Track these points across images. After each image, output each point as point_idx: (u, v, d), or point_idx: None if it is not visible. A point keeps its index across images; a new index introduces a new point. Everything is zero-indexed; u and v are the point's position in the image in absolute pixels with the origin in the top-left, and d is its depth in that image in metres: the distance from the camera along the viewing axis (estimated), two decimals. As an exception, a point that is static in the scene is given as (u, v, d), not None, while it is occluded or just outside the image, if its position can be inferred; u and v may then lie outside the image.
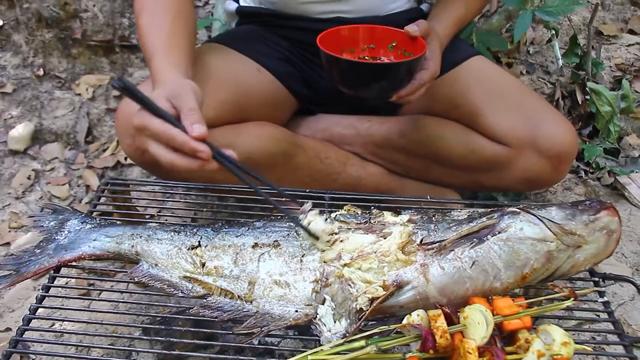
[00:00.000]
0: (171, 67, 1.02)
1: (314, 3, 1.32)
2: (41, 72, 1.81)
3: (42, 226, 1.10)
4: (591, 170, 1.64)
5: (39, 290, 1.31)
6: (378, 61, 1.16)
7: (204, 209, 1.17)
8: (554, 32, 1.74)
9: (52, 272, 1.01)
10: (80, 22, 1.81)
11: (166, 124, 0.88)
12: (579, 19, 1.91)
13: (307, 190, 1.16)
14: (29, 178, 1.64)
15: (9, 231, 1.50)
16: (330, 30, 1.14)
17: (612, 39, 1.94)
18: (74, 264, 1.03)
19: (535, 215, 0.95)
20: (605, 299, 0.97)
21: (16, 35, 1.81)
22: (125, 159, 1.63)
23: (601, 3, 1.96)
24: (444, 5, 1.29)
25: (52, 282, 1.01)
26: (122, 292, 1.10)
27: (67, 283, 1.30)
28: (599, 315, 0.98)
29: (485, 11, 1.88)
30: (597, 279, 1.01)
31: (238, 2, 1.47)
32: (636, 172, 1.62)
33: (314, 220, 0.96)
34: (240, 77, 1.26)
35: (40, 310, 0.96)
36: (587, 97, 1.69)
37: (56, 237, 1.06)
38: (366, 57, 1.18)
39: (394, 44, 1.17)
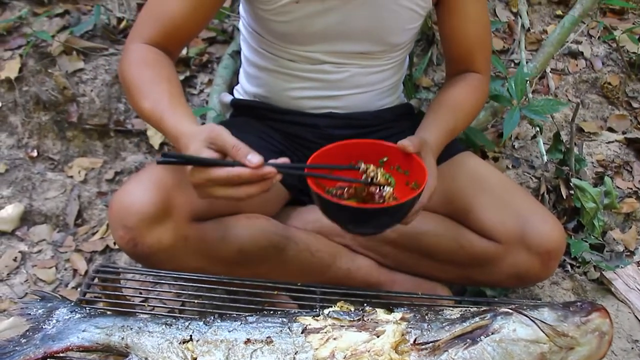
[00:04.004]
0: (188, 119, 1.06)
1: (306, 99, 1.37)
2: (35, 154, 1.82)
3: (30, 314, 1.07)
4: (577, 265, 1.66)
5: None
6: (378, 204, 1.07)
7: (195, 300, 1.16)
8: (538, 129, 1.80)
9: (36, 363, 0.99)
10: (77, 105, 1.85)
11: (224, 169, 0.94)
12: (561, 116, 1.98)
13: (299, 284, 1.16)
14: (14, 260, 1.62)
15: (-9, 315, 1.47)
16: (316, 153, 1.09)
17: (593, 136, 2.01)
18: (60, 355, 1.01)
19: (527, 316, 0.96)
20: (599, 403, 0.97)
21: (13, 117, 1.84)
22: (114, 243, 1.62)
23: (581, 102, 2.05)
24: (434, 117, 1.30)
25: (36, 375, 0.98)
26: (106, 385, 1.07)
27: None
28: (592, 419, 0.97)
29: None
30: (589, 381, 1.01)
31: (233, 95, 1.52)
32: (621, 267, 1.64)
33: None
34: (233, 169, 1.28)
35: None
36: (571, 192, 1.74)
37: (43, 326, 1.04)
38: (352, 188, 1.11)
39: (385, 159, 1.14)
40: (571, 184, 1.73)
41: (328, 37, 1.27)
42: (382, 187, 1.09)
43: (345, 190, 1.10)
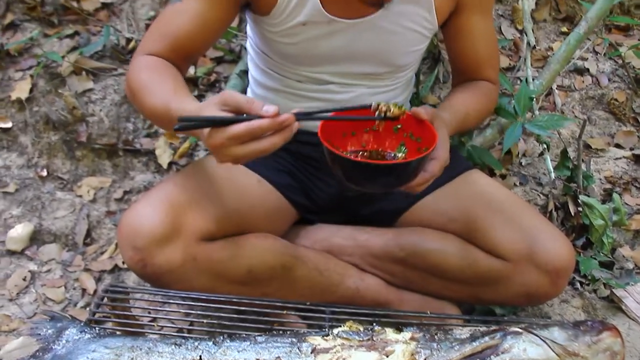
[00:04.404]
0: (195, 101, 1.06)
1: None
2: (44, 173, 1.83)
3: (39, 334, 1.08)
4: (587, 283, 1.65)
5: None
6: (388, 160, 1.12)
7: (204, 320, 1.16)
8: (545, 145, 1.81)
9: (46, 385, 0.99)
10: (86, 125, 1.86)
11: (243, 123, 0.92)
12: (568, 133, 1.99)
13: (308, 304, 1.16)
14: (24, 279, 1.63)
15: (-1, 335, 1.47)
16: (331, 115, 1.12)
17: (600, 152, 2.01)
18: (69, 376, 1.01)
19: (538, 336, 0.95)
20: (611, 423, 0.96)
21: (23, 137, 1.85)
22: (123, 263, 1.63)
23: (588, 118, 2.05)
24: (446, 105, 1.33)
25: (46, 396, 0.98)
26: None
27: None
28: None
29: (478, 123, 1.96)
30: (601, 401, 1.00)
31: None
32: (632, 284, 1.63)
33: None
34: (242, 189, 1.29)
35: None
36: (580, 209, 1.74)
37: (53, 347, 1.05)
38: (367, 147, 1.15)
39: (398, 127, 1.14)
40: (579, 201, 1.72)
41: (334, 59, 1.28)
42: (395, 155, 1.13)
43: (360, 154, 1.13)
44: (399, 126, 1.15)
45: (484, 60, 1.41)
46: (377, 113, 1.11)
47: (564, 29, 2.18)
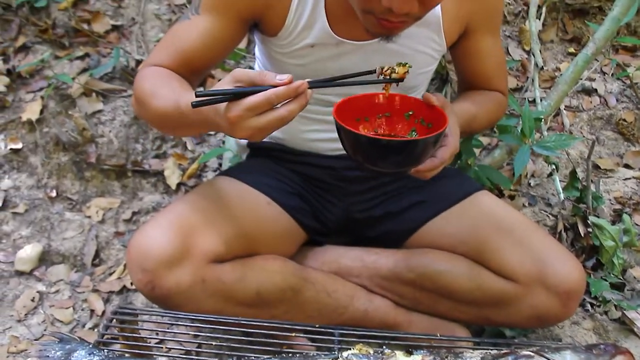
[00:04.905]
0: None
1: (322, 141, 1.38)
2: (54, 194, 1.84)
3: (48, 356, 1.08)
4: (598, 304, 1.63)
5: None
6: (398, 137, 1.12)
7: (212, 342, 1.16)
8: (554, 166, 1.80)
9: (54, 408, 0.99)
10: (96, 146, 1.88)
11: (260, 93, 0.92)
12: (577, 153, 1.98)
13: (317, 326, 1.16)
14: (32, 300, 1.63)
15: (8, 356, 1.46)
16: (345, 99, 1.12)
17: (609, 172, 2.00)
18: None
19: (549, 360, 0.94)
20: None
21: (33, 158, 1.87)
22: (131, 284, 1.63)
23: (597, 139, 2.04)
24: (454, 104, 1.32)
25: (54, 419, 0.98)
26: None
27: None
28: None
29: (487, 144, 1.96)
30: None
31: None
32: (643, 306, 1.61)
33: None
34: (251, 211, 1.29)
35: None
36: (590, 230, 1.73)
37: (61, 370, 1.04)
38: (379, 131, 1.15)
39: (410, 113, 1.14)
40: (589, 222, 1.71)
41: None
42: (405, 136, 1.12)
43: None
44: (410, 112, 1.15)
45: (493, 75, 1.42)
46: (381, 77, 1.11)
47: (571, 50, 2.19)
